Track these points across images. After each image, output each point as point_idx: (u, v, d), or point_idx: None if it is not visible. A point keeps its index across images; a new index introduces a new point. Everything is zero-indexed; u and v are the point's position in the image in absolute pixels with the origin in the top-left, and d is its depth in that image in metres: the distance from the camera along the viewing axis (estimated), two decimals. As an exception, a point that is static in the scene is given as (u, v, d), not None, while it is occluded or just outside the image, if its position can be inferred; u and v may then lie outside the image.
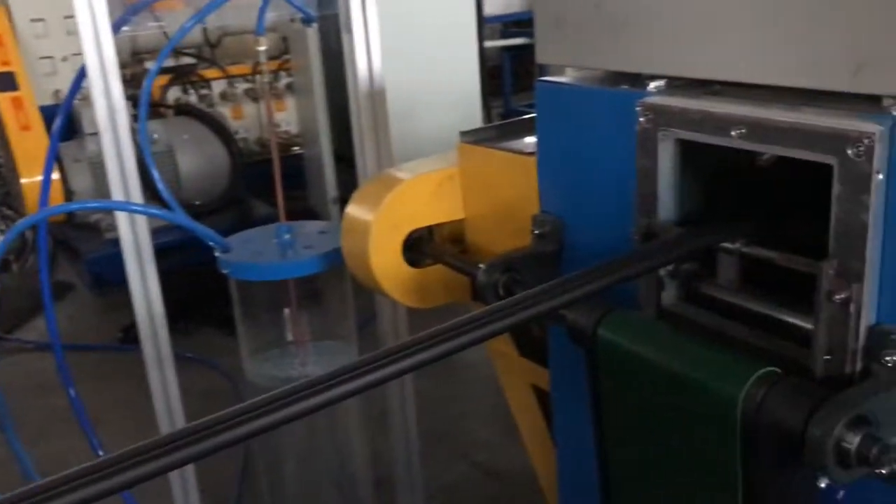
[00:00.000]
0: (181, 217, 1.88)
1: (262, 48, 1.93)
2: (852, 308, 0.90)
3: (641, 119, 1.10)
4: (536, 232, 1.36)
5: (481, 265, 1.33)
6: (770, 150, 0.97)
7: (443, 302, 1.61)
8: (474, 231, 1.60)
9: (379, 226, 1.50)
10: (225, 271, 1.90)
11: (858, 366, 0.92)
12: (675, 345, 1.04)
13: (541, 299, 1.00)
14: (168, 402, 2.00)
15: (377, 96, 1.92)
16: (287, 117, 5.13)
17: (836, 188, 0.89)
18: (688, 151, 1.10)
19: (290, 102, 5.10)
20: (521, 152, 1.43)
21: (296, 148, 5.03)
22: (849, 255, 0.90)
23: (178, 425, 1.99)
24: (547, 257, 1.35)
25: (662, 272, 1.14)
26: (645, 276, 1.15)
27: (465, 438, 3.20)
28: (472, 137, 1.55)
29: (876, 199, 0.87)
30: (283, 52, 4.99)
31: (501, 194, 1.51)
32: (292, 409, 0.82)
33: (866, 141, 0.86)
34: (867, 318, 0.91)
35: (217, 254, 1.92)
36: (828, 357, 0.94)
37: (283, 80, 5.09)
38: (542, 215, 1.37)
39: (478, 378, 3.39)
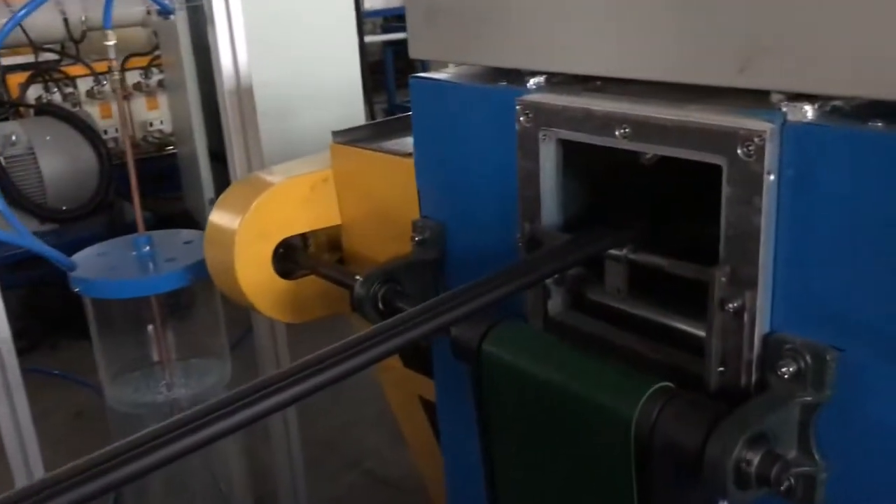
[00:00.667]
0: (20, 236, 1.68)
1: (110, 43, 1.76)
2: (746, 317, 0.85)
3: (521, 118, 1.03)
4: (417, 238, 1.27)
5: (358, 277, 1.23)
6: (656, 151, 0.90)
7: (320, 315, 1.50)
8: (352, 238, 1.50)
9: (244, 235, 1.38)
10: (76, 289, 1.72)
11: (754, 377, 0.87)
12: (564, 359, 0.97)
13: (427, 317, 0.92)
14: (19, 435, 1.81)
15: (244, 92, 1.79)
16: (160, 115, 4.87)
17: (725, 190, 0.84)
18: (571, 152, 1.03)
19: (162, 100, 4.84)
20: (397, 153, 1.34)
21: (170, 147, 4.78)
22: (741, 261, 0.84)
23: (31, 459, 1.80)
24: (429, 265, 1.27)
25: (548, 280, 1.07)
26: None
27: (354, 446, 3.09)
28: (345, 138, 1.45)
29: (768, 201, 0.81)
30: (154, 46, 4.73)
31: (379, 198, 1.41)
32: (161, 453, 0.72)
33: (756, 140, 0.80)
34: (762, 326, 0.86)
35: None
36: (722, 369, 0.88)
37: (155, 77, 4.83)
38: (422, 220, 1.28)
39: (364, 383, 3.27)
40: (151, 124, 4.85)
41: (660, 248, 0.98)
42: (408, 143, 1.34)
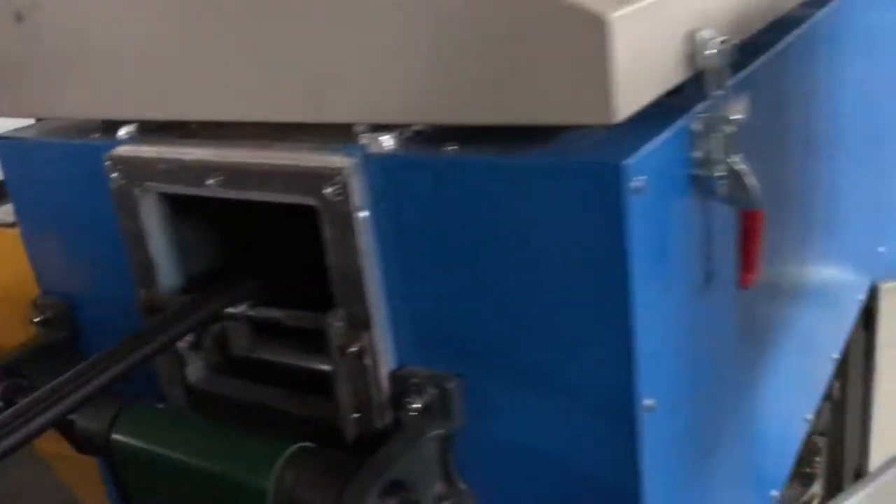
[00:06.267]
0: None
1: None
2: (367, 359, 0.81)
3: (113, 174, 0.92)
4: (38, 319, 1.12)
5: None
6: (252, 197, 0.84)
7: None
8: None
9: None
10: None
11: (389, 419, 0.83)
12: (196, 436, 0.88)
13: (29, 417, 0.79)
14: None
15: None
16: None
17: (324, 232, 0.79)
18: (184, 204, 0.94)
19: None
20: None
21: None
22: (353, 303, 0.80)
23: None
24: (59, 349, 1.11)
25: (181, 346, 0.97)
26: (160, 357, 0.97)
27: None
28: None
29: (365, 240, 0.78)
30: None
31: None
32: None
33: (340, 177, 0.76)
34: (387, 364, 0.82)
35: None
36: (357, 415, 0.84)
37: None
38: (43, 298, 1.12)
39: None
40: None
41: (290, 299, 0.91)
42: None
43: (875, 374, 1.94)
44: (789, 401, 1.27)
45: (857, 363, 1.98)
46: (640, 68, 0.66)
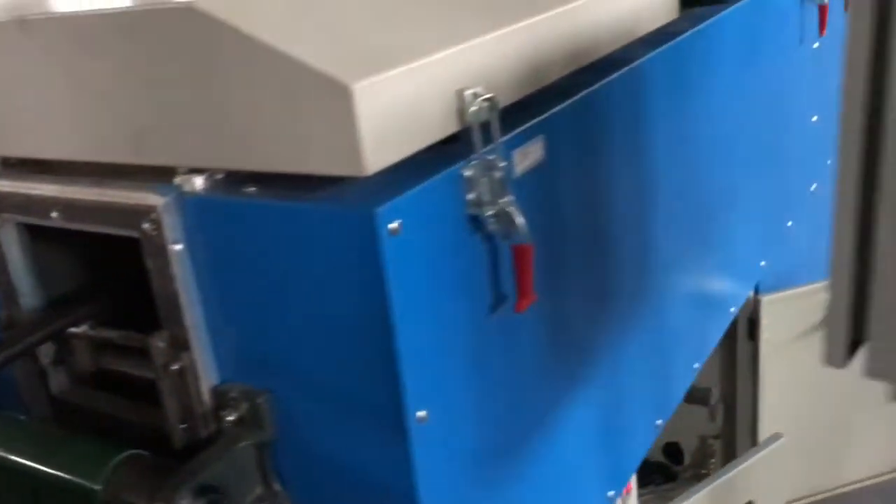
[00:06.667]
0: None
1: None
2: (189, 376, 0.90)
3: (-25, 206, 1.01)
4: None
5: None
6: (87, 229, 0.93)
7: None
8: None
9: None
10: None
11: (212, 429, 0.93)
12: (48, 444, 0.98)
13: None
14: None
15: None
16: None
17: (146, 262, 0.89)
18: (44, 233, 1.03)
19: None
20: None
21: None
22: (174, 326, 0.90)
23: None
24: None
25: (44, 361, 1.06)
26: (20, 371, 1.06)
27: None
28: None
29: (181, 269, 0.87)
30: None
31: None
32: None
33: (155, 213, 0.85)
34: (209, 381, 0.92)
35: None
36: (184, 425, 0.93)
37: None
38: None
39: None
40: None
41: (132, 321, 1.01)
42: None
43: (760, 381, 2.06)
44: (634, 408, 1.37)
45: (744, 370, 2.10)
46: (394, 126, 0.76)
